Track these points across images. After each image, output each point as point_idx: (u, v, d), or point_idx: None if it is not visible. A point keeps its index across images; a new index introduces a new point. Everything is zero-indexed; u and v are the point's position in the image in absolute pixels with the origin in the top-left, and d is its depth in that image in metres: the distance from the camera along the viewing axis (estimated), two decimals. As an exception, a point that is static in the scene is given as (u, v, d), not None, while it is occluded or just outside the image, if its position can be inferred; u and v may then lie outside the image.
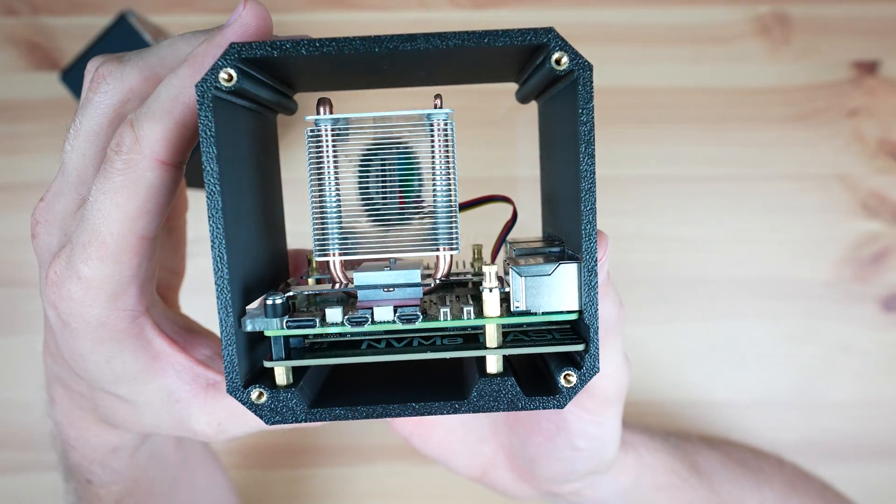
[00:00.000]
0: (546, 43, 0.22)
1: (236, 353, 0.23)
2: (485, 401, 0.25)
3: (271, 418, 0.24)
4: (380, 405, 0.25)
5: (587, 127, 0.23)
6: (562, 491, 0.36)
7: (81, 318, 0.25)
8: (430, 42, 0.22)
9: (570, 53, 0.23)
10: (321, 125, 0.24)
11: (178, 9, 0.55)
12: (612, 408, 0.31)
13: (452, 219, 0.25)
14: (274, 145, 0.31)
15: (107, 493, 0.34)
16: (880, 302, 0.57)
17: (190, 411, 0.27)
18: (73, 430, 0.31)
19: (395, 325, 0.24)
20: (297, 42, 0.22)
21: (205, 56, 0.23)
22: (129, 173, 0.23)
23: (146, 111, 0.23)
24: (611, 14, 0.56)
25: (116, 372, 0.26)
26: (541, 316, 0.25)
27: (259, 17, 0.23)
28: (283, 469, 0.58)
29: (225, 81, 0.22)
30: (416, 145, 0.25)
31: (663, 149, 0.57)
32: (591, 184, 0.23)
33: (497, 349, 0.25)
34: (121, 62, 0.25)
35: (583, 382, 0.25)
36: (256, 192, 0.27)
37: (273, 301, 0.24)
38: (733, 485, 0.43)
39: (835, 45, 0.56)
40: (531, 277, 0.24)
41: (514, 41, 0.22)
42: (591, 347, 0.24)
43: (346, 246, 0.25)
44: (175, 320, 0.30)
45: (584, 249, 0.24)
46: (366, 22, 0.55)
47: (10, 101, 0.55)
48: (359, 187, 0.25)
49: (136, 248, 0.24)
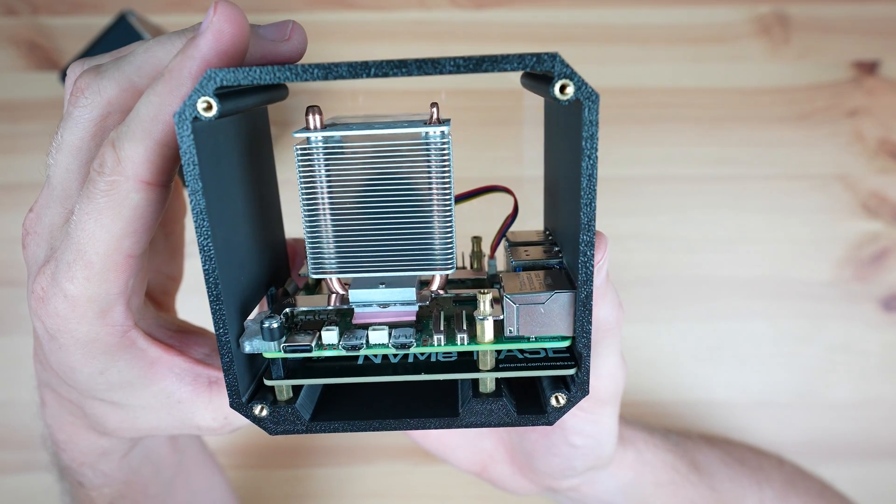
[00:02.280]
0: (550, 70, 0.21)
1: (237, 374, 0.24)
2: (476, 418, 0.26)
3: (274, 430, 0.26)
4: (376, 420, 0.26)
5: (590, 161, 0.22)
6: (560, 486, 0.36)
7: (70, 335, 0.24)
8: (422, 69, 0.20)
9: (576, 82, 0.21)
10: (311, 143, 0.24)
11: (178, 9, 0.55)
12: (607, 407, 0.31)
13: (448, 238, 0.24)
14: (266, 135, 0.30)
15: (98, 495, 0.33)
16: (880, 302, 0.57)
17: (194, 410, 0.27)
18: (62, 433, 0.31)
19: (389, 349, 0.24)
20: (281, 68, 0.21)
21: (180, 70, 0.22)
22: (112, 195, 0.22)
23: (126, 131, 0.22)
24: (611, 14, 0.56)
25: (111, 381, 0.26)
26: (534, 342, 0.25)
27: (232, 20, 0.22)
28: (283, 469, 0.58)
29: (205, 111, 0.21)
30: (411, 164, 0.23)
31: (663, 149, 0.57)
32: (591, 219, 0.22)
33: (490, 371, 0.25)
34: (98, 74, 0.24)
35: (571, 404, 0.25)
36: (249, 193, 0.26)
37: (270, 325, 0.24)
38: (733, 483, 0.43)
39: (835, 45, 0.56)
40: (525, 305, 0.24)
41: (514, 68, 0.21)
42: (583, 372, 0.25)
43: (341, 264, 0.25)
44: (168, 324, 0.29)
45: (579, 279, 0.23)
46: (366, 22, 0.55)
47: (10, 101, 0.55)
48: (352, 205, 0.24)
49: (122, 267, 0.24)
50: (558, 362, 0.25)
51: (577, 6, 0.56)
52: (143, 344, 0.26)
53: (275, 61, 0.24)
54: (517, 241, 0.30)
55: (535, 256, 0.28)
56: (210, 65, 0.22)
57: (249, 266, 0.26)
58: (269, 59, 0.24)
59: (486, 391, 0.26)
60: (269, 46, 0.24)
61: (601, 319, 0.26)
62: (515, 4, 0.55)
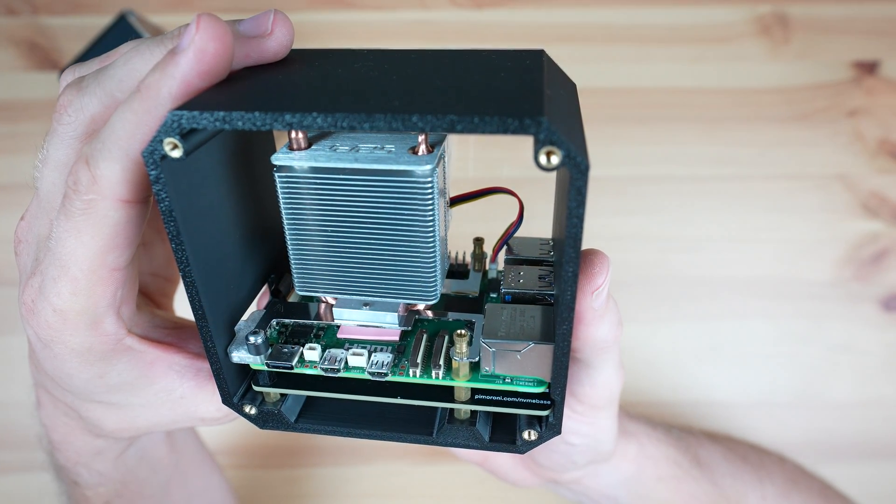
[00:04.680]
0: (534, 135, 0.18)
1: (227, 378, 0.25)
2: (451, 439, 0.26)
3: (264, 425, 0.27)
4: (356, 428, 0.27)
5: (575, 231, 0.19)
6: (562, 479, 0.36)
7: (64, 345, 0.24)
8: (390, 124, 0.18)
9: (563, 150, 0.18)
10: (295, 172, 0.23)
11: (178, 9, 0.55)
12: (603, 412, 0.31)
13: (432, 271, 0.24)
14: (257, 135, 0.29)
15: (94, 494, 0.33)
16: (880, 302, 0.57)
17: (197, 403, 0.28)
18: (56, 433, 0.31)
19: (364, 374, 0.25)
20: (250, 115, 0.19)
21: (159, 89, 0.20)
22: (90, 213, 0.22)
23: (101, 148, 0.21)
24: (611, 14, 0.56)
25: (110, 384, 0.26)
26: (509, 384, 0.25)
27: (216, 38, 0.20)
28: (283, 469, 0.58)
29: (172, 150, 0.19)
30: (396, 199, 0.22)
31: (663, 149, 0.57)
32: (572, 288, 0.21)
33: (464, 404, 0.26)
34: (80, 90, 0.24)
35: (543, 440, 0.26)
36: (240, 197, 0.26)
37: (255, 341, 0.24)
38: (735, 479, 0.43)
39: (835, 45, 0.56)
40: (502, 351, 0.24)
41: (493, 131, 0.18)
42: (557, 413, 0.25)
43: (327, 284, 0.25)
44: (164, 322, 0.29)
45: (557, 334, 0.23)
46: (366, 22, 0.55)
47: (10, 101, 0.55)
48: (336, 231, 0.24)
49: (107, 281, 0.23)
50: (533, 401, 0.25)
51: (577, 6, 0.56)
52: (139, 347, 0.26)
53: (260, 61, 0.23)
54: (516, 257, 0.29)
55: (527, 283, 0.27)
56: (190, 85, 0.20)
57: (240, 272, 0.26)
58: (255, 59, 0.23)
59: (460, 418, 0.27)
60: (252, 45, 0.23)
61: (599, 339, 0.26)
62: (515, 4, 0.55)
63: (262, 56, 0.23)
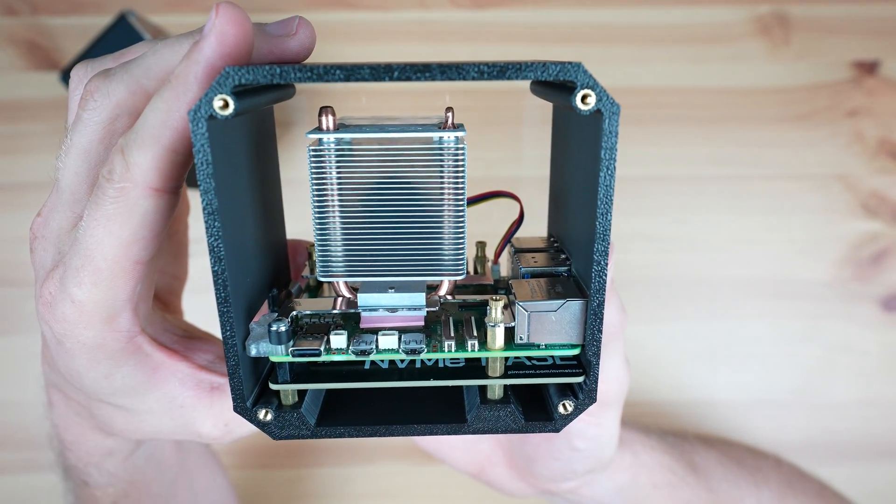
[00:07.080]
0: (573, 80, 0.21)
1: (242, 377, 0.24)
2: (484, 424, 0.25)
3: (278, 435, 0.25)
4: (383, 425, 0.25)
5: (608, 172, 0.22)
6: (559, 489, 0.36)
7: (76, 340, 0.24)
8: (445, 74, 0.20)
9: (598, 93, 0.21)
10: (324, 144, 0.23)
11: (178, 9, 0.55)
12: (611, 410, 0.31)
13: (460, 244, 0.24)
14: (271, 134, 0.30)
15: (103, 494, 0.34)
16: (880, 302, 0.57)
17: (195, 415, 0.27)
18: (68, 433, 0.32)
19: (398, 354, 0.24)
20: (302, 68, 0.20)
21: (186, 76, 0.22)
22: (121, 201, 0.22)
23: (135, 137, 0.22)
24: (611, 14, 0.56)
25: (115, 386, 0.26)
26: (544, 349, 0.25)
27: (235, 22, 0.21)
28: (283, 469, 0.58)
29: (221, 109, 0.20)
30: (425, 169, 0.23)
31: (663, 149, 0.57)
32: (607, 229, 0.22)
33: (499, 378, 0.25)
34: (107, 77, 0.24)
35: (579, 411, 0.25)
36: (255, 194, 0.26)
37: (278, 328, 0.23)
38: (730, 484, 0.43)
39: (835, 45, 0.56)
40: (537, 313, 0.24)
41: (538, 76, 0.21)
42: (591, 379, 0.25)
43: (351, 267, 0.24)
44: (174, 328, 0.30)
45: (592, 288, 0.23)
46: (366, 22, 0.55)
47: (10, 101, 0.55)
48: (363, 208, 0.24)
49: (130, 273, 0.24)
50: (566, 370, 0.25)
51: (577, 6, 0.56)
52: (148, 349, 0.26)
53: (282, 58, 0.24)
54: (523, 248, 0.30)
55: (542, 263, 0.28)
56: (215, 68, 0.21)
57: (254, 268, 0.26)
58: (277, 55, 0.24)
59: (493, 398, 0.26)
60: (276, 42, 0.24)
61: (605, 324, 0.26)
62: (515, 4, 0.55)
63: (285, 53, 0.24)
